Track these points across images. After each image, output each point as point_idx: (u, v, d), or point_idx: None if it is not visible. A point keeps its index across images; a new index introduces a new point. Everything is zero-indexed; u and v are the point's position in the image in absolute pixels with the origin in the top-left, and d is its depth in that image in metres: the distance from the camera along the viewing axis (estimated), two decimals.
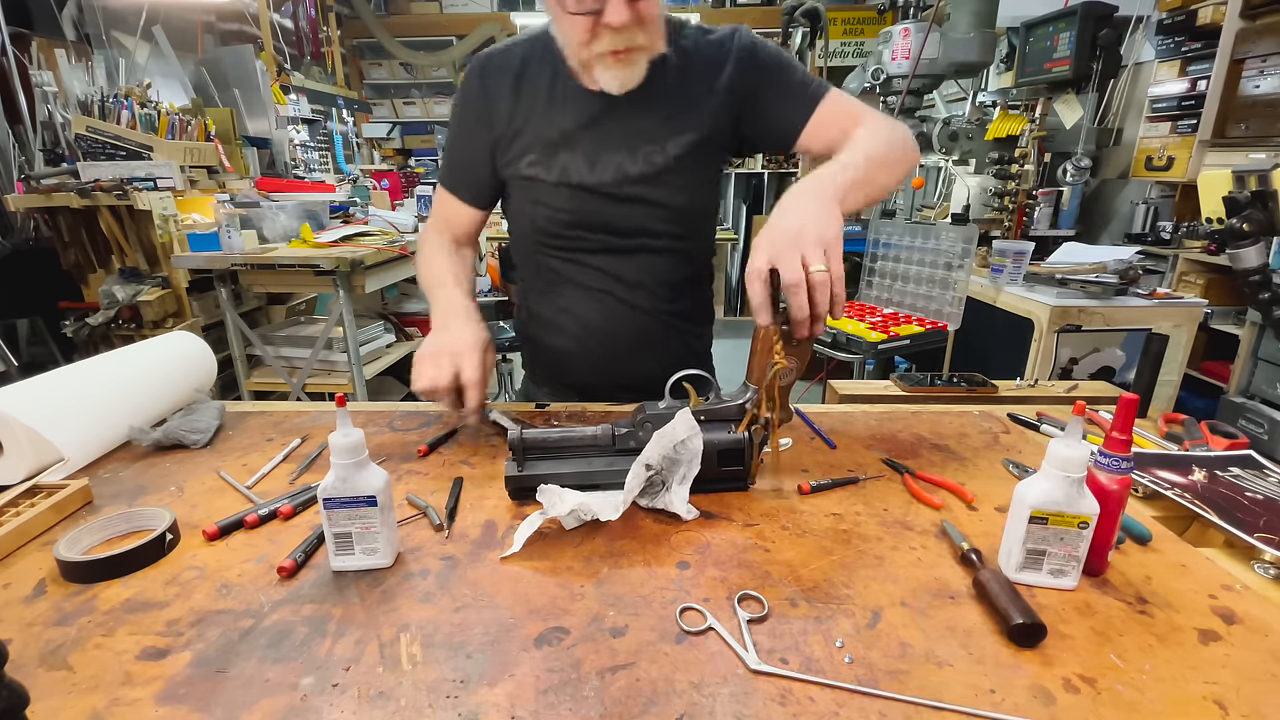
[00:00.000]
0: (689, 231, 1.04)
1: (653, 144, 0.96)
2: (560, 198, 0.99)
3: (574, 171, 0.96)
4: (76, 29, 3.33)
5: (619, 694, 0.48)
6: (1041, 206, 2.75)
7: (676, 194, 0.99)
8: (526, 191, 1.01)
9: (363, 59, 5.97)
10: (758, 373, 0.72)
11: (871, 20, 5.08)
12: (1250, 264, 1.57)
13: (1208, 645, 0.53)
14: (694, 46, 0.96)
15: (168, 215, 2.51)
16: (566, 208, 0.99)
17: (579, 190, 0.97)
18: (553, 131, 0.96)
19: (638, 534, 0.69)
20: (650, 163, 0.96)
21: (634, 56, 0.86)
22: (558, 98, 0.96)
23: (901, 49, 2.84)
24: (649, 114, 0.95)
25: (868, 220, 2.79)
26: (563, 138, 0.96)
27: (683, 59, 0.95)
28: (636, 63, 0.87)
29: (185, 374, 1.02)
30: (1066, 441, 0.57)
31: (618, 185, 0.96)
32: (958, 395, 1.29)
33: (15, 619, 0.56)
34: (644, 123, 0.95)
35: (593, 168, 0.96)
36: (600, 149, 0.96)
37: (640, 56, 0.86)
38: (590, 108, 0.95)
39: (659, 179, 0.97)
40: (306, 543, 0.66)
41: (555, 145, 0.96)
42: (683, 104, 0.96)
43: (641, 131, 0.95)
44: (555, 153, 0.96)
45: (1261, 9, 2.42)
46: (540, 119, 0.97)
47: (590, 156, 0.96)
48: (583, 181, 0.97)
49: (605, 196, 0.97)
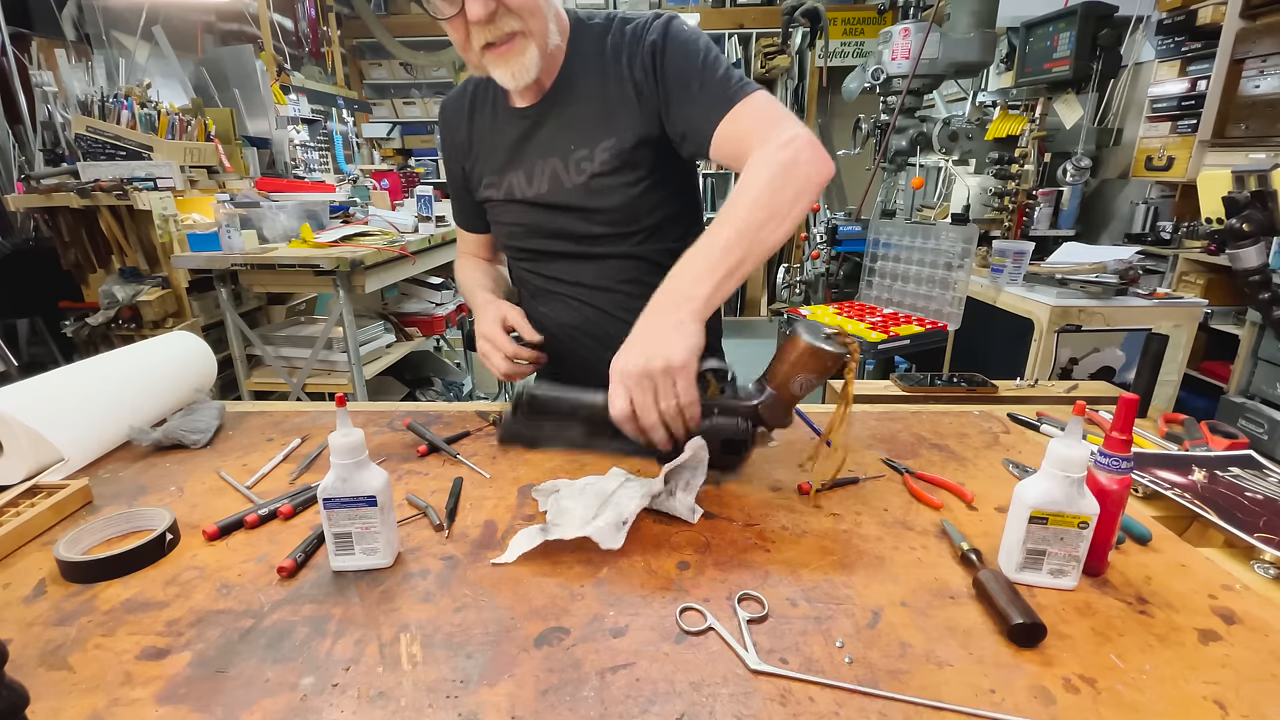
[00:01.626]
0: (645, 233, 0.99)
1: (582, 149, 0.94)
2: (512, 214, 1.03)
3: (517, 187, 0.99)
4: (76, 29, 3.33)
5: (619, 694, 0.48)
6: (1041, 206, 2.75)
7: (615, 196, 0.95)
8: (490, 212, 1.07)
9: (363, 59, 5.97)
10: (780, 379, 0.76)
11: (871, 20, 5.08)
12: (1250, 264, 1.57)
13: (1208, 645, 0.53)
14: (614, 42, 0.92)
15: (168, 215, 2.51)
16: (519, 222, 1.03)
17: (524, 205, 1.00)
18: (499, 152, 1.01)
19: (638, 534, 0.69)
20: (580, 170, 0.94)
21: (516, 45, 0.84)
22: (499, 120, 1.00)
23: (901, 49, 2.84)
24: (575, 120, 0.94)
25: (868, 220, 2.79)
26: (507, 156, 1.00)
27: (603, 57, 0.92)
28: (523, 51, 0.84)
29: (185, 374, 1.02)
30: (1066, 441, 0.57)
31: (555, 195, 0.97)
32: (958, 395, 1.29)
33: (15, 619, 0.56)
34: (571, 130, 0.94)
35: (531, 181, 0.98)
36: (536, 161, 0.97)
37: (525, 44, 0.84)
38: (522, 123, 0.97)
39: (592, 184, 0.94)
40: (306, 543, 0.66)
41: (502, 165, 1.00)
42: (605, 105, 0.92)
43: (570, 138, 0.94)
44: (504, 172, 1.00)
45: (1261, 9, 2.41)
46: (488, 143, 1.02)
47: (528, 171, 0.98)
48: (524, 195, 0.99)
49: (546, 208, 0.99)
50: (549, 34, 0.86)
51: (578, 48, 0.94)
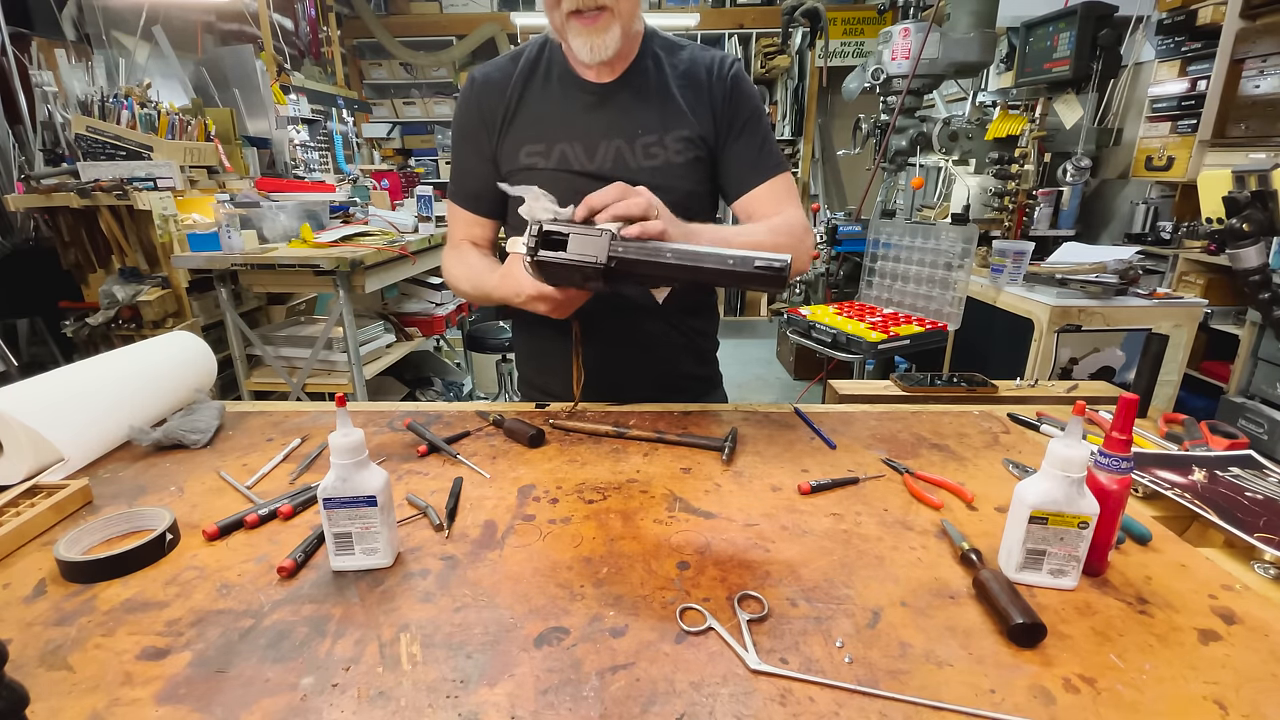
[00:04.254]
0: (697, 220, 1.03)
1: (651, 135, 0.97)
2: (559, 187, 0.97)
3: (574, 159, 0.98)
4: (76, 29, 3.33)
5: (619, 694, 0.48)
6: (1041, 206, 2.75)
7: (680, 187, 0.99)
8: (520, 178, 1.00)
9: (363, 59, 5.97)
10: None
11: (871, 20, 5.08)
12: (1250, 264, 1.57)
13: (1208, 645, 0.53)
14: (690, 56, 1.01)
15: (168, 215, 2.51)
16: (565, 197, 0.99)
17: (579, 177, 0.97)
18: (552, 121, 0.98)
19: (638, 534, 0.69)
20: (649, 154, 0.98)
21: (602, 22, 0.86)
22: (554, 88, 0.99)
23: (901, 49, 2.85)
24: (645, 107, 0.97)
25: (868, 220, 2.79)
26: (563, 126, 0.98)
27: (678, 65, 1.00)
28: (607, 30, 0.87)
29: (185, 374, 1.02)
30: (1066, 441, 0.57)
31: (617, 174, 0.96)
32: (958, 395, 1.29)
33: (15, 619, 0.56)
34: (640, 115, 0.97)
35: (592, 156, 0.97)
36: (598, 137, 0.97)
37: (610, 23, 0.87)
38: (589, 97, 0.98)
39: (658, 171, 0.98)
40: (306, 543, 0.66)
41: (555, 134, 0.98)
42: (677, 105, 0.98)
43: (639, 122, 0.97)
44: (554, 141, 0.98)
45: (1261, 9, 2.42)
46: (539, 111, 0.99)
47: (590, 145, 0.97)
48: (582, 168, 0.97)
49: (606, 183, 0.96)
50: (636, 18, 0.90)
51: (652, 46, 1.00)
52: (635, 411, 1.00)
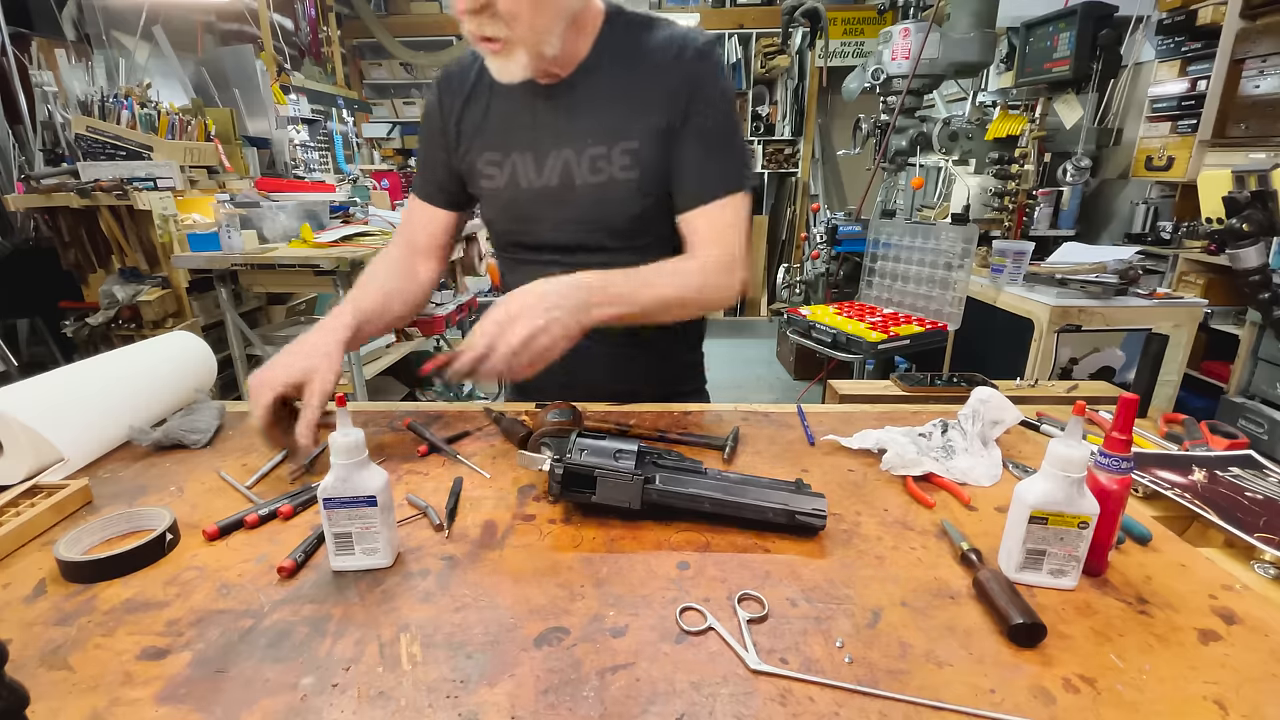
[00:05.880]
0: (646, 238, 0.95)
1: (599, 145, 0.90)
2: (513, 209, 0.97)
3: (523, 173, 0.94)
4: (76, 29, 3.33)
5: (619, 694, 0.48)
6: (1041, 206, 2.75)
7: (622, 210, 0.92)
8: (484, 197, 1.00)
9: (363, 59, 5.97)
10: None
11: (871, 20, 5.08)
12: (1250, 264, 1.57)
13: (1208, 645, 0.53)
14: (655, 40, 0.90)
15: (168, 215, 2.51)
16: (515, 213, 0.97)
17: (529, 195, 0.94)
18: (505, 125, 0.94)
19: (638, 534, 0.69)
20: (595, 169, 0.91)
21: (503, 49, 0.80)
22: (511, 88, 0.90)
23: (901, 49, 2.85)
24: (595, 111, 0.90)
25: (868, 220, 2.79)
26: (514, 131, 0.93)
27: (637, 55, 0.90)
28: (511, 56, 0.80)
29: (185, 374, 1.02)
30: (1066, 441, 0.57)
31: (564, 191, 0.92)
32: (958, 395, 1.29)
33: (15, 619, 0.56)
34: (590, 120, 0.90)
35: (541, 168, 0.93)
36: (548, 147, 0.92)
37: (512, 50, 0.80)
38: (538, 101, 0.91)
39: (603, 188, 0.91)
40: (306, 543, 0.66)
41: (508, 140, 0.94)
42: (629, 105, 0.89)
43: (588, 130, 0.90)
44: (509, 150, 0.94)
45: (1261, 9, 2.42)
46: (494, 111, 0.95)
47: (538, 154, 0.92)
48: (531, 184, 0.94)
49: (553, 203, 0.93)
50: (542, 44, 0.81)
51: (612, 38, 0.90)
52: (636, 411, 1.00)
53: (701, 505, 0.69)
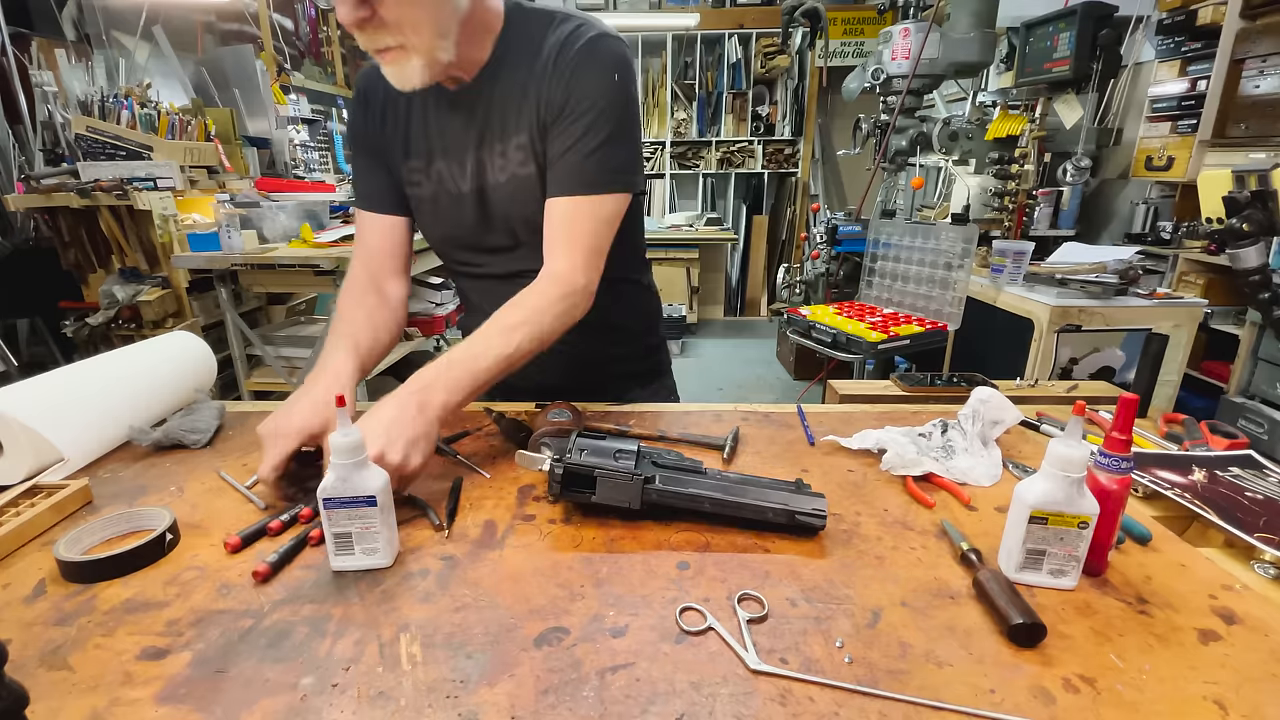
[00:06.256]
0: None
1: (500, 143, 0.90)
2: (445, 215, 0.96)
3: (448, 178, 0.93)
4: (76, 29, 3.33)
5: (619, 694, 0.48)
6: (1041, 206, 2.75)
7: (530, 204, 0.90)
8: (416, 205, 0.98)
9: (363, 59, 5.97)
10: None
11: (871, 20, 5.08)
12: (1250, 264, 1.57)
13: (1208, 645, 0.53)
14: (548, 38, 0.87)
15: (168, 215, 2.51)
16: (448, 219, 0.96)
17: (456, 199, 0.94)
18: (425, 130, 0.93)
19: (638, 534, 0.69)
20: (500, 167, 0.90)
21: (396, 56, 0.78)
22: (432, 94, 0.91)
23: (901, 49, 2.85)
24: (497, 110, 0.89)
25: (868, 220, 2.79)
26: (434, 136, 0.92)
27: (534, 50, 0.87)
28: (405, 63, 0.78)
29: (185, 374, 1.02)
30: (1066, 441, 0.57)
31: (483, 191, 0.92)
32: (958, 395, 1.29)
33: (15, 619, 0.56)
34: (492, 120, 0.89)
35: (462, 171, 0.92)
36: (463, 149, 0.91)
37: (408, 58, 0.78)
38: (452, 104, 0.90)
39: (509, 185, 0.90)
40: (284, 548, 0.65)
41: (429, 146, 0.93)
42: (523, 100, 0.87)
43: (491, 129, 0.89)
44: (432, 156, 0.93)
45: (1261, 9, 2.41)
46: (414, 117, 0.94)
47: (459, 158, 0.92)
48: (458, 189, 0.93)
49: (475, 206, 0.93)
50: (436, 49, 0.78)
51: (512, 36, 0.88)
52: (636, 411, 1.00)
53: (701, 505, 0.69)
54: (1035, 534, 0.59)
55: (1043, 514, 0.58)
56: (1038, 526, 0.58)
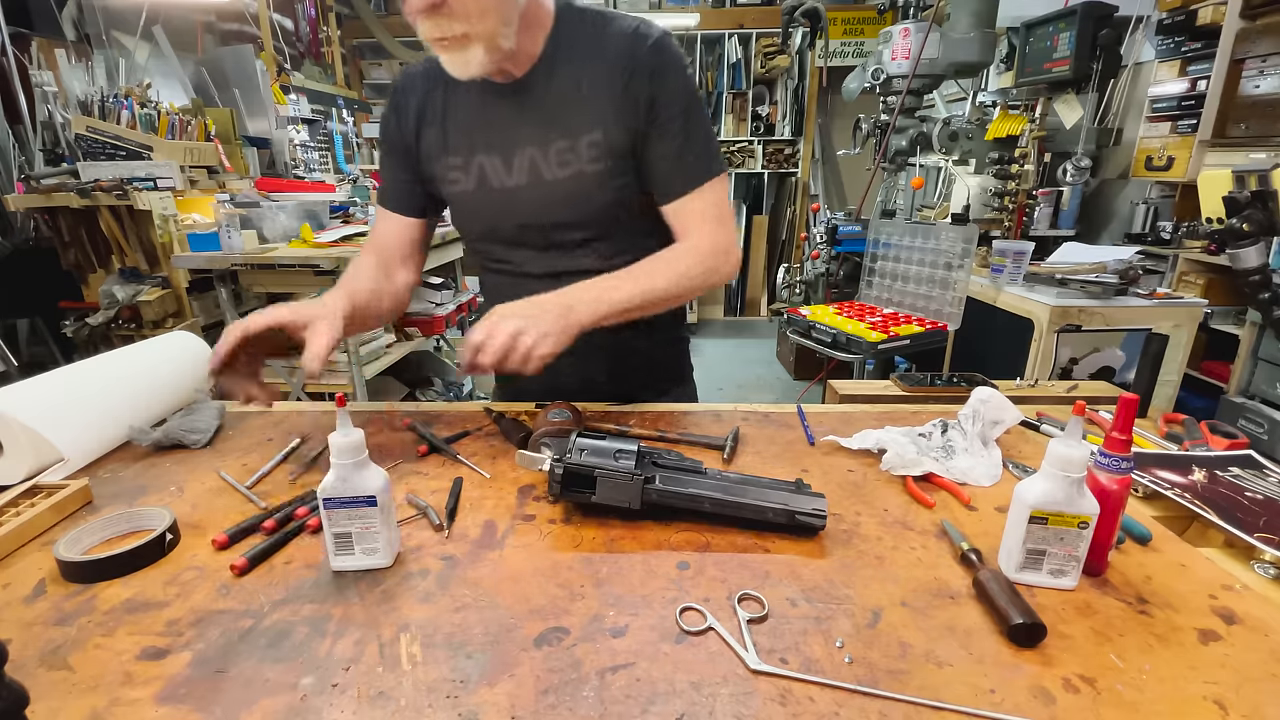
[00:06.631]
0: (614, 239, 0.97)
1: (563, 139, 0.90)
2: (484, 210, 0.97)
3: (491, 174, 0.94)
4: (76, 29, 3.33)
5: (619, 694, 0.48)
6: (1041, 206, 2.75)
7: (593, 199, 0.93)
8: (453, 201, 0.99)
9: (363, 59, 5.97)
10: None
11: (871, 20, 5.08)
12: (1250, 264, 1.57)
13: (1208, 645, 0.53)
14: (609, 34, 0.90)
15: (168, 215, 2.51)
16: (487, 215, 0.97)
17: (499, 195, 0.94)
18: (467, 127, 0.93)
19: (638, 534, 0.69)
20: (563, 162, 0.91)
21: (458, 44, 0.80)
22: (469, 89, 0.92)
23: (901, 49, 2.85)
24: (556, 106, 0.90)
25: (868, 220, 2.79)
26: (477, 133, 0.93)
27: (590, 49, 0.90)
28: (466, 50, 0.80)
29: (185, 374, 1.02)
30: (1066, 441, 0.57)
31: (534, 189, 0.93)
32: (958, 395, 1.29)
33: (15, 619, 0.56)
34: (552, 116, 0.90)
35: (509, 168, 0.93)
36: (513, 145, 0.92)
37: (469, 45, 0.80)
38: (501, 102, 0.91)
39: (572, 181, 0.91)
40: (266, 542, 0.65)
41: (471, 143, 0.93)
42: (590, 102, 0.89)
43: (550, 125, 0.90)
44: (473, 152, 0.93)
45: (1261, 9, 2.41)
46: (455, 115, 0.94)
47: (505, 154, 0.92)
48: (502, 185, 0.94)
49: (525, 202, 0.94)
50: (499, 36, 0.81)
51: (565, 33, 0.90)
52: (636, 411, 1.00)
53: (701, 505, 0.69)
54: (1035, 534, 0.59)
55: (1043, 514, 0.58)
56: (1038, 526, 0.58)
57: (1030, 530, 0.59)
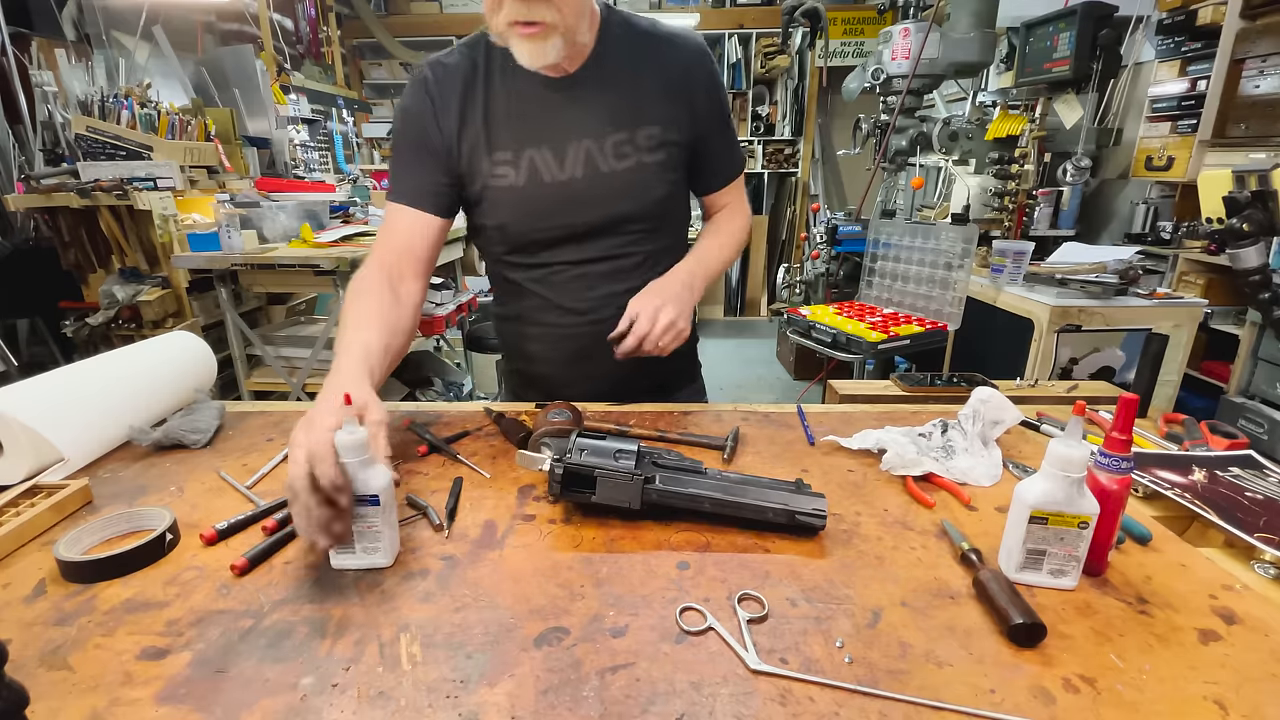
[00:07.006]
0: (662, 229, 1.01)
1: (620, 131, 0.93)
2: (534, 205, 0.94)
3: (543, 168, 0.93)
4: (76, 29, 3.33)
5: (619, 694, 0.48)
6: (1041, 206, 2.75)
7: (650, 191, 0.96)
8: (497, 198, 0.95)
9: (363, 59, 5.97)
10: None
11: (871, 20, 5.08)
12: (1250, 264, 1.57)
13: (1208, 645, 0.53)
14: (657, 37, 0.96)
15: (168, 215, 2.51)
16: (536, 209, 0.95)
17: (551, 189, 0.93)
18: (516, 121, 0.92)
19: (638, 534, 0.69)
20: (620, 154, 0.93)
21: (543, 32, 0.81)
22: (515, 83, 0.92)
23: (901, 49, 2.85)
24: (612, 99, 0.93)
25: (868, 220, 2.79)
26: (526, 127, 0.92)
27: (644, 47, 0.95)
28: (547, 40, 0.82)
29: (185, 374, 1.02)
30: (1066, 441, 0.57)
31: (590, 180, 0.93)
32: (958, 395, 1.29)
33: (15, 619, 0.56)
34: (608, 108, 0.93)
35: (562, 161, 0.93)
36: (566, 138, 0.92)
37: (551, 35, 0.82)
38: (549, 93, 0.92)
39: (631, 173, 0.94)
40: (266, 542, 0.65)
41: (521, 137, 0.92)
42: (648, 95, 0.94)
43: (607, 118, 0.92)
44: (522, 147, 0.92)
45: (1261, 9, 2.41)
46: (501, 109, 0.93)
47: (557, 147, 0.92)
48: (554, 178, 0.93)
49: (577, 191, 0.94)
50: (577, 30, 0.85)
51: (609, 34, 0.94)
52: (635, 411, 1.00)
53: (701, 505, 0.69)
54: (1035, 534, 0.59)
55: (1043, 514, 0.58)
56: (1038, 526, 0.58)
57: (1030, 530, 0.59)
